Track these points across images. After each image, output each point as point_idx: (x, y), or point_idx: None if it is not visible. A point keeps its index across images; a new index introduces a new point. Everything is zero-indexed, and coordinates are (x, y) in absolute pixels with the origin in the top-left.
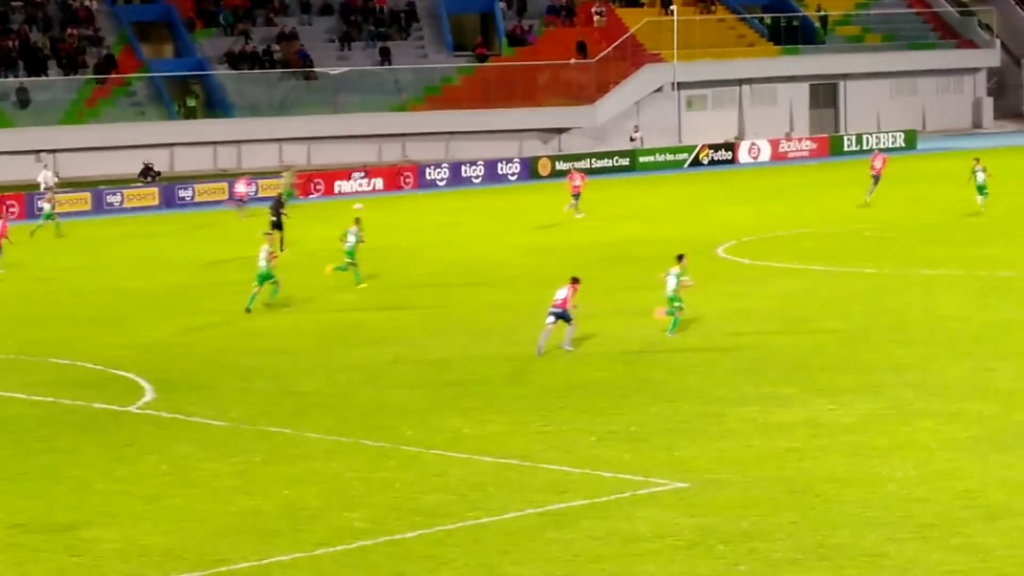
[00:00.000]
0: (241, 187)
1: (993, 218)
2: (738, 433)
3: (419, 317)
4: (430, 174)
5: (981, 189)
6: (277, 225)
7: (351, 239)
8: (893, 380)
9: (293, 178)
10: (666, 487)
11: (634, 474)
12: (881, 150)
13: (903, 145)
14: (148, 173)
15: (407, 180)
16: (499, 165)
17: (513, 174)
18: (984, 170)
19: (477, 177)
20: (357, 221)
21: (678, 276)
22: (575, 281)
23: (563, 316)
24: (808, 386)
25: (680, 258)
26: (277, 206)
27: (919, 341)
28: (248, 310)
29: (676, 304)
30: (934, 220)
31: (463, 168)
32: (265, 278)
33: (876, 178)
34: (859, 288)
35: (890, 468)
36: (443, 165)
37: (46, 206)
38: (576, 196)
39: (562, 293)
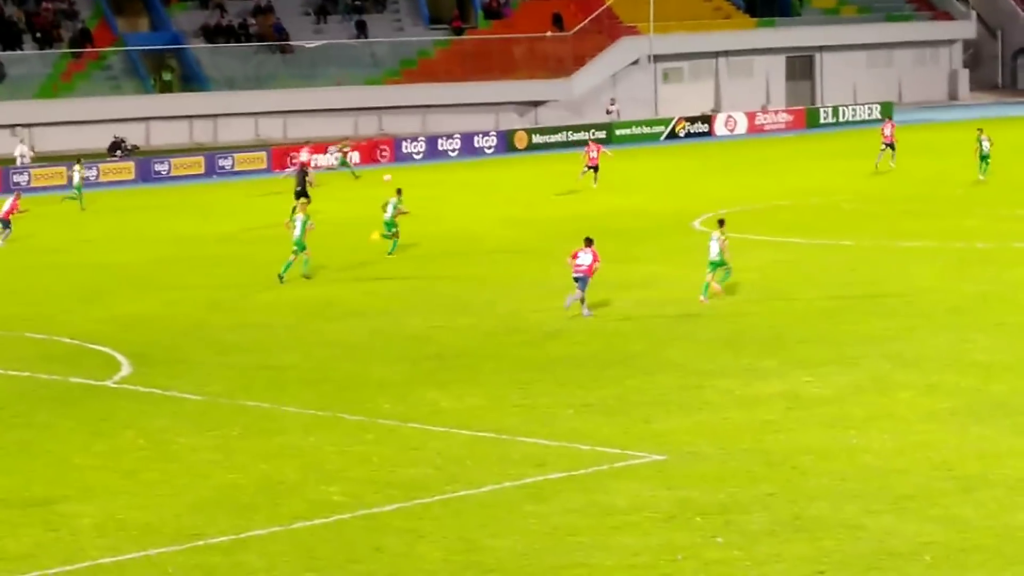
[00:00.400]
0: (304, 155)
1: (969, 190)
2: (716, 405)
3: (397, 290)
4: (407, 147)
5: (985, 159)
6: (303, 194)
7: (390, 210)
8: (871, 352)
9: (348, 148)
10: (644, 460)
11: (612, 447)
12: (890, 118)
13: (879, 117)
14: (118, 147)
15: (384, 153)
16: (476, 138)
17: (490, 147)
18: (989, 139)
19: (454, 150)
20: (398, 192)
21: (719, 240)
22: (589, 242)
23: (583, 282)
24: (786, 358)
25: (721, 223)
26: (302, 175)
27: (897, 313)
28: (280, 278)
29: (721, 264)
30: (911, 192)
31: (440, 141)
32: (301, 247)
33: (890, 145)
34: (837, 260)
35: (867, 440)
36: (420, 138)
37: (76, 177)
38: (595, 168)
39: (586, 259)
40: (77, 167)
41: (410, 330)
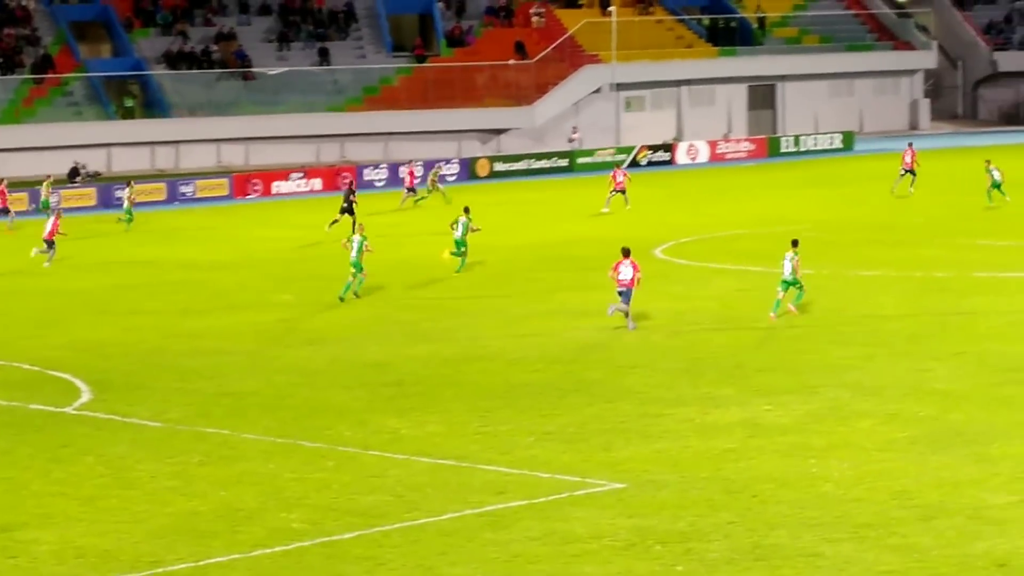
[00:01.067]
0: (407, 176)
1: (929, 219)
2: (676, 434)
3: (356, 317)
4: (368, 175)
5: (998, 186)
6: (349, 211)
7: (460, 228)
8: (830, 381)
9: (437, 171)
10: (603, 488)
11: (572, 475)
12: (910, 144)
13: (840, 146)
14: (77, 173)
15: (345, 180)
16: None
17: (452, 175)
18: (998, 169)
19: (416, 178)
20: (466, 210)
21: (792, 259)
22: (627, 253)
23: (626, 295)
24: (745, 387)
25: (795, 243)
26: (349, 194)
27: (856, 342)
28: (341, 299)
29: (794, 283)
30: (871, 221)
31: (402, 169)
32: (359, 268)
33: (910, 171)
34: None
35: (827, 468)
36: (382, 166)
37: (126, 202)
38: (623, 192)
39: (627, 273)
40: (128, 190)
41: (370, 357)
